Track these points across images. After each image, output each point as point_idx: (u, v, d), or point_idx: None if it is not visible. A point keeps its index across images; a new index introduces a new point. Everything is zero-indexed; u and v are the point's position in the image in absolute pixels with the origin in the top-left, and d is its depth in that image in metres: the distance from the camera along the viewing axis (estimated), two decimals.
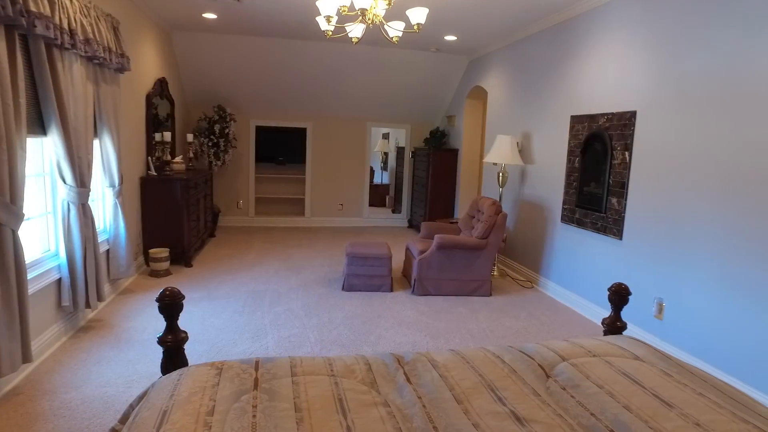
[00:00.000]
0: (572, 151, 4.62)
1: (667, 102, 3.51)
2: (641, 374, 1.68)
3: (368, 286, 4.71)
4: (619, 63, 4.01)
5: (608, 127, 4.13)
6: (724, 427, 1.39)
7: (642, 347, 1.92)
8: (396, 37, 3.86)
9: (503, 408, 1.47)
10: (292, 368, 1.68)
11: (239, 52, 6.61)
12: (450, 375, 1.66)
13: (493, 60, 6.34)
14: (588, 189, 4.38)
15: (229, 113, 7.11)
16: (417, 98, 7.80)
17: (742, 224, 2.93)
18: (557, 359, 1.80)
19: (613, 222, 4.07)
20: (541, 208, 5.16)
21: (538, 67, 5.24)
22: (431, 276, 4.64)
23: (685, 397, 1.54)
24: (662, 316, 3.54)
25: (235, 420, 1.36)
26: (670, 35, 3.49)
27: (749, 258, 2.88)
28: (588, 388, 1.60)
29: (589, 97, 4.39)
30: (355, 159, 8.21)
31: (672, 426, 1.40)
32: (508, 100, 5.92)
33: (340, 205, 8.27)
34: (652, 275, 3.64)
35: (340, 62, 6.91)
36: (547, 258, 5.02)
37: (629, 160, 3.89)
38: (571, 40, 4.68)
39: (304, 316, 4.04)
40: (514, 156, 5.21)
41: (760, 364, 2.80)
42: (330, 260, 5.88)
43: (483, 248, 4.62)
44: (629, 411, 1.48)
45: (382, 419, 1.39)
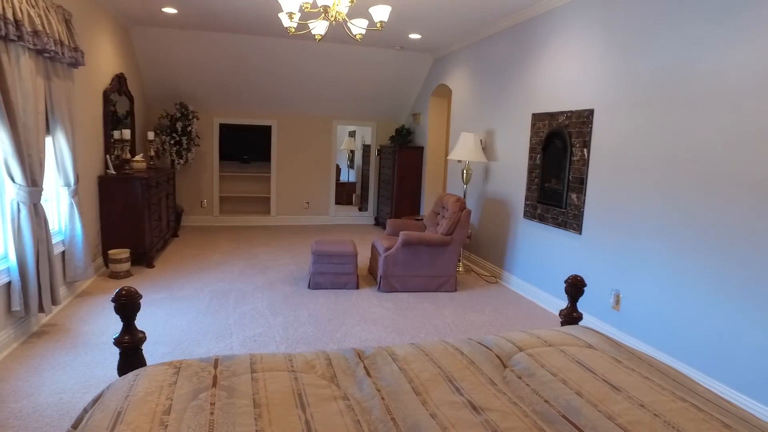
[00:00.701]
0: (534, 149, 4.73)
1: (622, 101, 3.64)
2: (593, 361, 1.75)
3: (334, 284, 4.71)
4: (578, 62, 4.13)
5: (568, 124, 4.25)
6: (665, 406, 1.46)
7: (595, 336, 1.99)
8: (359, 35, 3.86)
9: (461, 398, 1.50)
10: (251, 365, 1.67)
11: (201, 49, 6.48)
12: (409, 368, 1.68)
13: (457, 58, 6.42)
14: (549, 185, 4.49)
15: (191, 111, 6.97)
16: (382, 96, 7.83)
17: (691, 217, 3.07)
18: (514, 350, 1.86)
19: (572, 217, 4.19)
20: (504, 205, 5.26)
21: (501, 66, 5.34)
22: (397, 273, 4.67)
23: (632, 381, 1.61)
24: (619, 307, 3.67)
25: (193, 418, 1.34)
26: (625, 37, 3.62)
27: (699, 249, 3.02)
28: (543, 377, 1.65)
29: (549, 96, 4.51)
30: (321, 157, 8.17)
31: (619, 408, 1.47)
32: (472, 98, 6.01)
33: (306, 204, 8.23)
34: (609, 268, 3.76)
35: (305, 59, 6.87)
36: (511, 253, 5.12)
37: (587, 156, 4.01)
38: (531, 40, 4.79)
39: (270, 315, 4.01)
40: (478, 153, 5.29)
41: (710, 351, 2.94)
42: (296, 259, 5.85)
43: (448, 244, 4.69)
44: (581, 396, 1.54)
45: (341, 412, 1.40)
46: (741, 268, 2.75)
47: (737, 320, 2.78)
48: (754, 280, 2.68)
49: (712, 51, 2.93)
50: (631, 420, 1.42)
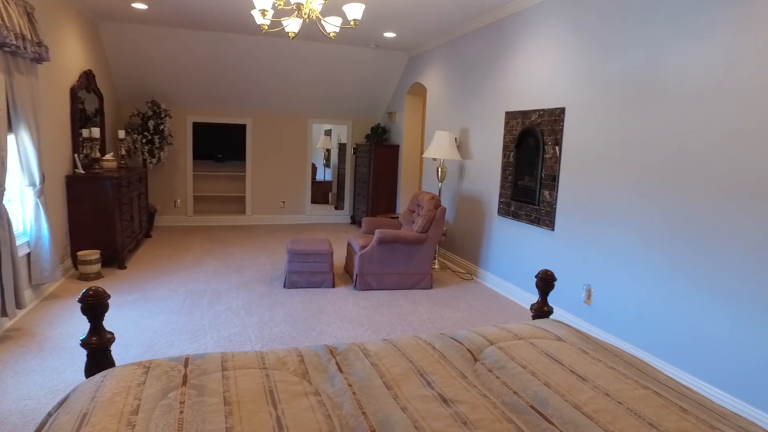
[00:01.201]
0: (507, 146, 4.79)
1: (592, 99, 3.72)
2: (561, 353, 1.79)
3: (310, 283, 4.70)
4: (549, 62, 4.20)
5: (540, 122, 4.32)
6: (628, 394, 1.51)
7: (564, 329, 2.04)
8: (333, 33, 3.85)
9: (431, 391, 1.52)
10: (223, 363, 1.66)
11: (173, 46, 6.37)
12: (381, 363, 1.69)
13: (432, 57, 6.46)
14: (522, 182, 4.56)
15: (164, 109, 6.84)
16: (358, 94, 7.83)
17: (660, 212, 3.16)
18: (485, 343, 1.89)
19: (545, 214, 4.26)
20: (479, 202, 5.32)
21: (475, 65, 5.39)
22: (373, 271, 4.68)
23: (598, 371, 1.66)
24: (591, 302, 3.75)
25: (161, 417, 1.33)
26: (595, 38, 3.70)
27: (668, 244, 3.11)
28: (512, 369, 1.69)
29: (522, 94, 4.58)
30: (296, 156, 8.13)
31: (585, 398, 1.51)
32: (447, 97, 6.06)
33: (281, 203, 8.17)
34: (581, 263, 3.84)
35: (279, 57, 6.82)
36: (486, 250, 5.19)
37: (559, 154, 4.09)
38: (505, 39, 4.85)
39: (245, 314, 3.98)
40: (453, 151, 5.34)
41: (679, 343, 3.03)
42: (271, 258, 5.80)
43: (423, 242, 4.72)
44: (549, 387, 1.57)
45: (312, 408, 1.41)
46: (708, 262, 2.85)
47: (704, 313, 2.87)
48: (720, 274, 2.78)
49: (677, 52, 3.02)
50: (596, 408, 1.46)
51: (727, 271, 2.72)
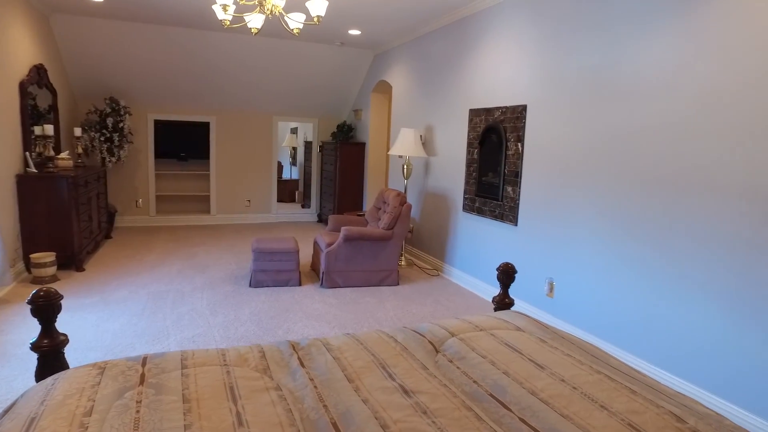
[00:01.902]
0: (471, 143, 4.87)
1: (553, 97, 3.82)
2: (521, 343, 1.84)
3: (276, 282, 4.66)
4: (511, 60, 4.28)
5: (503, 119, 4.40)
6: (582, 379, 1.57)
7: (523, 319, 2.09)
8: (297, 29, 3.82)
9: (393, 383, 1.54)
10: (182, 361, 1.63)
11: (132, 41, 6.19)
12: (343, 357, 1.70)
13: (397, 55, 6.49)
14: (486, 179, 4.64)
15: (123, 106, 6.64)
16: (323, 92, 7.79)
17: (615, 207, 3.27)
18: (447, 335, 1.92)
19: (509, 209, 4.35)
20: (444, 199, 5.38)
21: (439, 63, 5.45)
22: (339, 268, 4.67)
23: (555, 358, 1.71)
24: (553, 295, 3.85)
25: (116, 417, 1.30)
26: (553, 38, 3.79)
27: (622, 237, 3.23)
28: (473, 359, 1.72)
29: (485, 92, 4.65)
30: (261, 154, 8.03)
31: (542, 384, 1.55)
32: (412, 95, 6.10)
33: (247, 202, 8.06)
34: (544, 257, 3.94)
35: (243, 54, 6.72)
36: (451, 246, 5.25)
37: (522, 150, 4.17)
38: (468, 37, 4.92)
39: (210, 314, 3.91)
40: (418, 148, 5.38)
41: (634, 331, 3.15)
42: (237, 257, 5.72)
43: (389, 239, 4.74)
44: (507, 375, 1.61)
45: (272, 403, 1.40)
46: (657, 254, 2.97)
47: (655, 302, 2.99)
48: (668, 265, 2.90)
49: (630, 52, 3.13)
50: (553, 394, 1.51)
51: (678, 261, 2.84)
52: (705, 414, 1.47)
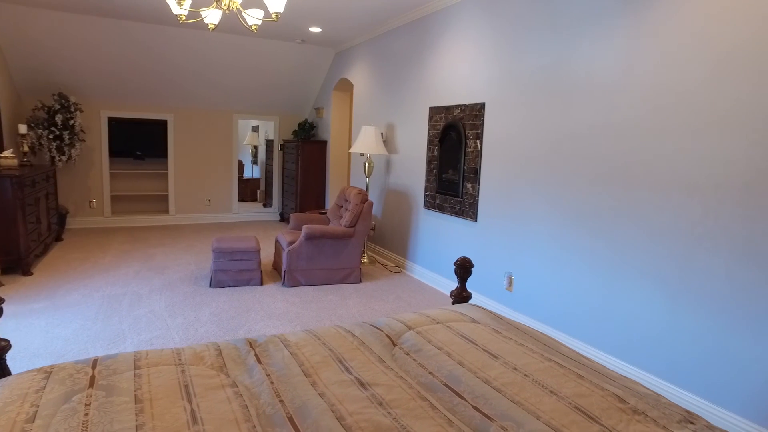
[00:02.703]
0: (432, 141, 4.93)
1: (510, 95, 3.91)
2: (476, 334, 1.89)
3: (237, 281, 4.59)
4: (470, 58, 4.36)
5: (462, 117, 4.47)
6: (534, 367, 1.63)
7: (479, 311, 2.14)
8: (255, 26, 3.78)
9: (349, 376, 1.55)
10: (135, 362, 1.60)
11: (82, 34, 5.96)
12: (301, 352, 1.71)
13: (358, 53, 6.50)
14: (446, 176, 4.71)
15: (73, 102, 6.39)
16: (284, 90, 7.72)
17: (570, 202, 3.39)
18: (404, 329, 1.95)
19: (468, 205, 4.43)
20: (406, 196, 5.43)
21: (400, 61, 5.49)
22: (301, 267, 4.65)
23: (509, 348, 1.77)
24: (512, 289, 3.95)
25: (62, 422, 1.26)
26: (510, 37, 3.89)
27: (576, 231, 3.35)
28: (429, 351, 1.76)
29: (445, 90, 4.72)
30: (222, 152, 7.88)
31: (495, 373, 1.60)
32: (373, 93, 6.12)
33: (207, 201, 7.90)
34: (503, 252, 4.03)
35: (201, 50, 6.58)
36: (413, 243, 5.31)
37: (480, 147, 4.26)
38: (428, 36, 4.97)
39: (168, 316, 3.82)
40: (379, 146, 5.41)
41: (588, 322, 3.27)
42: (197, 257, 5.61)
43: (351, 236, 4.75)
44: (462, 366, 1.65)
45: (228, 399, 1.40)
46: (607, 247, 3.09)
47: (606, 293, 3.12)
48: (617, 257, 3.03)
49: (581, 53, 3.25)
50: (505, 382, 1.56)
51: (626, 253, 2.97)
52: (645, 394, 1.55)
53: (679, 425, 1.40)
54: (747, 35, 2.37)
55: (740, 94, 2.40)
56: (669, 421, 1.41)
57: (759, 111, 2.33)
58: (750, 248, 2.37)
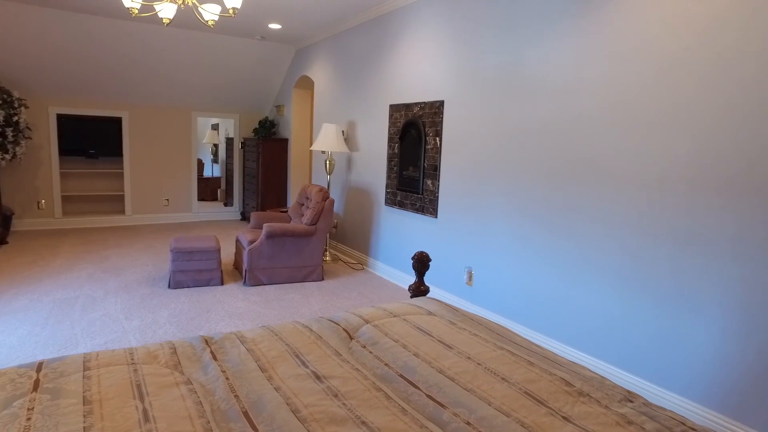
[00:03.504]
0: (392, 138, 4.97)
1: (468, 93, 3.98)
2: (431, 326, 1.93)
3: (197, 281, 4.51)
4: (429, 56, 4.42)
5: (422, 114, 4.53)
6: (487, 356, 1.68)
7: (435, 304, 2.19)
8: (212, 21, 3.71)
9: (305, 370, 1.56)
10: (85, 363, 1.56)
11: (25, 25, 5.69)
12: (257, 348, 1.70)
13: (319, 50, 6.47)
14: (407, 173, 4.75)
15: (17, 98, 6.09)
16: (244, 87, 7.60)
17: (525, 195, 3.49)
18: (362, 323, 1.97)
19: (429, 202, 4.49)
20: (367, 193, 5.46)
21: (361, 58, 5.50)
22: (262, 265, 4.61)
23: (463, 338, 1.82)
24: (472, 283, 4.03)
25: (1, 429, 1.22)
26: (468, 35, 3.96)
27: (533, 225, 3.45)
28: (385, 344, 1.79)
29: (405, 87, 4.76)
30: (180, 151, 7.70)
31: (449, 362, 1.65)
32: (334, 90, 6.11)
33: (166, 201, 7.70)
34: (463, 247, 4.11)
35: (157, 45, 6.40)
36: (375, 240, 5.34)
37: (440, 144, 4.32)
38: (388, 34, 5.01)
39: (125, 319, 3.72)
40: (340, 144, 5.41)
41: (546, 313, 3.38)
42: (154, 258, 5.47)
43: (312, 234, 4.74)
44: (417, 357, 1.69)
45: (182, 397, 1.38)
46: (562, 240, 3.21)
47: (562, 285, 3.23)
48: (572, 249, 3.14)
49: (536, 52, 3.35)
50: (459, 371, 1.60)
51: (580, 246, 3.09)
52: (590, 377, 1.63)
53: (620, 404, 1.47)
54: (691, 39, 2.51)
55: (683, 94, 2.53)
56: (611, 401, 1.49)
57: (699, 111, 2.46)
58: (691, 240, 2.51)
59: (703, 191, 2.45)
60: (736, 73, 2.31)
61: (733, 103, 2.32)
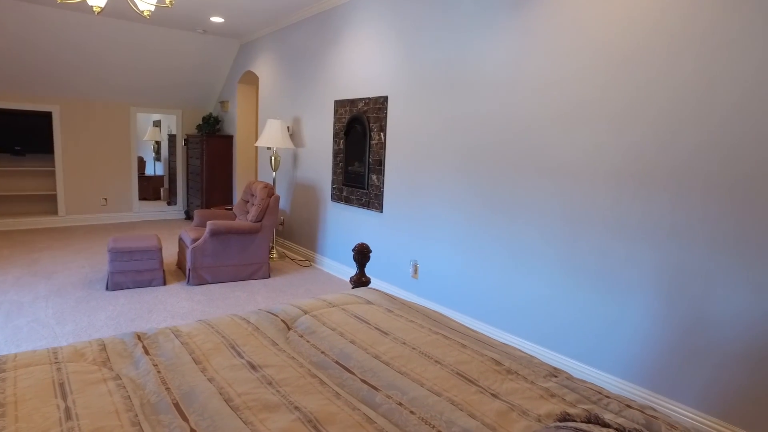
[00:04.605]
0: (337, 134, 4.97)
1: (411, 88, 4.04)
2: (369, 314, 1.96)
3: (137, 282, 4.35)
4: (373, 52, 4.45)
5: (366, 110, 4.56)
6: (421, 340, 1.73)
7: (374, 294, 2.23)
8: (147, 12, 3.59)
9: (240, 361, 1.56)
10: (0, 365, 1.48)
11: None
12: (193, 341, 1.68)
13: (263, 45, 6.37)
14: (352, 168, 4.77)
15: None
16: (187, 82, 7.38)
17: (467, 187, 3.59)
18: (300, 313, 1.98)
19: (374, 197, 4.53)
20: (313, 189, 5.44)
21: (306, 54, 5.47)
22: (207, 264, 4.51)
23: (399, 325, 1.86)
24: (417, 276, 4.10)
25: None
26: (411, 32, 4.02)
27: (475, 215, 3.55)
28: (323, 333, 1.80)
29: (349, 83, 4.77)
30: (119, 148, 7.37)
31: (385, 348, 1.68)
32: (279, 86, 6.04)
33: (103, 200, 7.36)
34: (408, 241, 4.17)
35: (90, 37, 6.10)
36: (322, 236, 5.33)
37: (384, 140, 4.36)
38: (333, 29, 5.00)
39: (56, 324, 3.54)
40: (285, 140, 5.36)
41: (490, 303, 3.49)
42: (91, 260, 5.23)
43: (258, 231, 4.67)
44: (354, 344, 1.72)
45: (109, 392, 1.35)
46: (504, 230, 3.32)
47: (504, 274, 3.35)
48: (514, 239, 3.26)
49: (476, 48, 3.44)
50: (394, 355, 1.64)
51: (521, 236, 3.21)
52: (520, 357, 1.71)
53: (545, 379, 1.56)
54: (617, 38, 2.66)
55: (612, 91, 2.69)
56: (537, 376, 1.57)
57: (625, 108, 2.62)
58: (619, 228, 2.66)
59: (628, 182, 2.61)
60: (661, 71, 2.48)
61: (653, 100, 2.49)
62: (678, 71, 2.38)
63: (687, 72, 2.35)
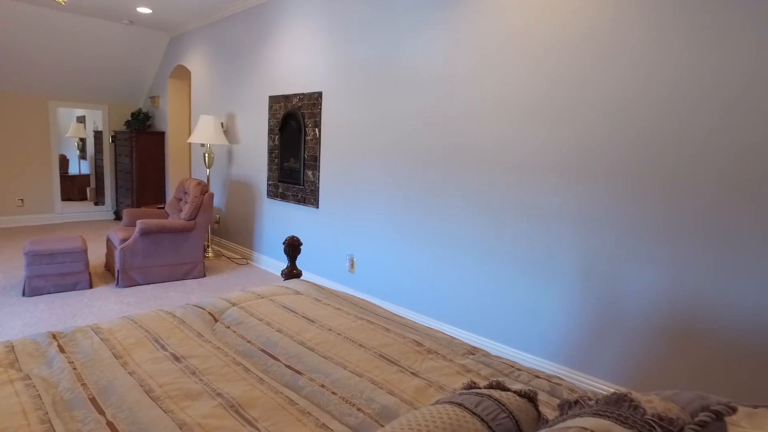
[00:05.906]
0: (272, 130, 4.93)
1: (345, 84, 4.08)
2: (297, 304, 1.99)
3: (60, 287, 4.13)
4: (307, 48, 4.44)
5: (301, 106, 4.55)
6: (347, 326, 1.79)
7: (303, 284, 2.26)
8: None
9: (164, 353, 1.55)
10: None
11: None
12: (114, 337, 1.65)
13: (195, 39, 6.20)
14: (288, 164, 4.75)
15: None
16: (113, 76, 7.03)
17: (400, 182, 3.67)
18: (228, 306, 1.98)
19: (310, 192, 4.53)
20: (249, 186, 5.36)
21: (239, 48, 5.37)
22: (137, 264, 4.35)
23: (326, 313, 1.91)
24: (354, 270, 4.15)
25: None
26: (345, 29, 4.05)
27: (407, 209, 3.64)
28: (250, 323, 1.82)
29: (284, 79, 4.75)
30: (37, 145, 6.91)
31: (311, 335, 1.72)
32: (212, 81, 5.90)
33: (19, 201, 6.88)
34: (344, 235, 4.21)
35: (2, 24, 5.68)
36: (259, 233, 5.27)
37: (319, 135, 4.38)
38: (266, 24, 4.94)
39: None
40: (219, 136, 5.25)
41: (423, 294, 3.60)
42: (5, 266, 4.89)
43: (191, 230, 4.56)
44: (281, 332, 1.75)
45: (16, 393, 1.31)
46: (437, 222, 3.44)
47: (437, 265, 3.46)
48: (447, 232, 3.38)
49: (407, 46, 3.53)
50: (319, 342, 1.69)
51: (456, 228, 3.34)
52: (441, 338, 1.80)
53: (463, 357, 1.66)
54: (534, 38, 2.82)
55: (537, 89, 2.85)
56: (455, 355, 1.67)
57: (548, 105, 2.79)
58: (542, 217, 2.84)
59: (549, 175, 2.78)
60: (586, 70, 2.66)
61: (565, 96, 2.67)
62: (583, 71, 2.57)
63: (588, 71, 2.54)
